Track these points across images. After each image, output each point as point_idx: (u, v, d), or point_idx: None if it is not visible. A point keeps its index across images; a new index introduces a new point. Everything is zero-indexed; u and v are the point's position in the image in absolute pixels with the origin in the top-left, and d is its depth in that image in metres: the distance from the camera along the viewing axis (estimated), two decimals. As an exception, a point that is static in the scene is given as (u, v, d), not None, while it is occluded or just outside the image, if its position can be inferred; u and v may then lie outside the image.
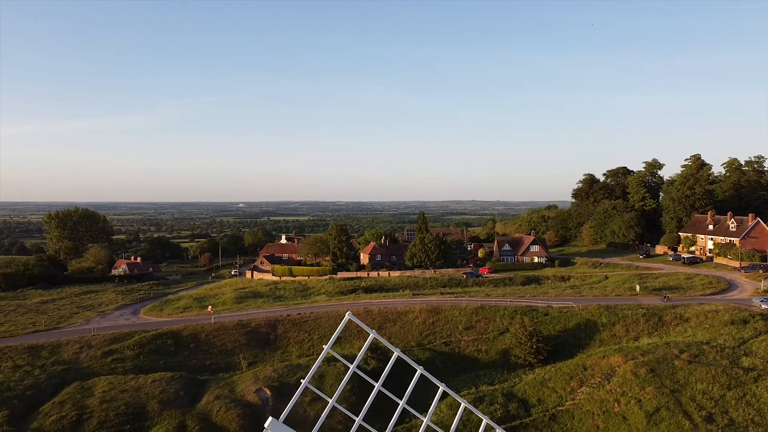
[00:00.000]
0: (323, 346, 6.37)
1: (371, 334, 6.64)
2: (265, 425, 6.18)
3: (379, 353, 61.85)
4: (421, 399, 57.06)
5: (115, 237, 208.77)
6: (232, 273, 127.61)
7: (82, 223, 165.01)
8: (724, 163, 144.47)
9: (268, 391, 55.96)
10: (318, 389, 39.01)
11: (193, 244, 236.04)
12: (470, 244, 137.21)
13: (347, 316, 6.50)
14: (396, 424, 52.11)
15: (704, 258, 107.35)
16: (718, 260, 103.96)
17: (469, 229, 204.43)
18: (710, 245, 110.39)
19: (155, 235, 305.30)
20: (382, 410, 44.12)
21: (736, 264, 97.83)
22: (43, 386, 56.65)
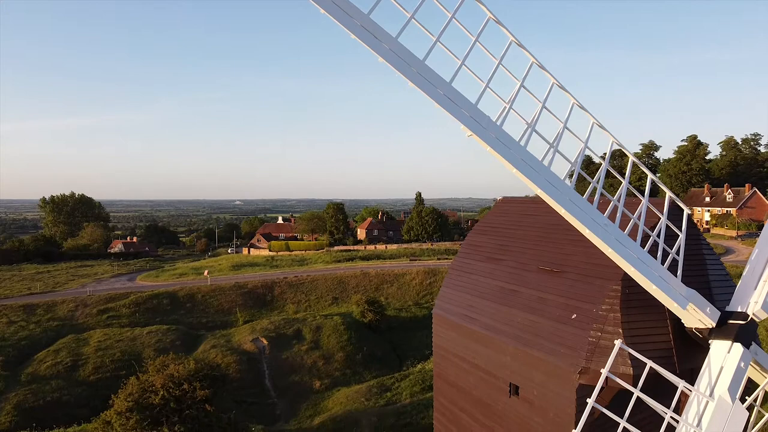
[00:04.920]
0: None
1: None
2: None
3: (376, 306, 61.59)
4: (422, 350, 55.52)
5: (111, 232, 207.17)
6: (229, 251, 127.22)
7: (79, 209, 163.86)
8: (720, 142, 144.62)
9: (264, 341, 55.66)
10: (315, 341, 38.88)
11: (189, 238, 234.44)
12: (467, 222, 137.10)
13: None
14: (392, 371, 51.11)
15: (701, 229, 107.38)
16: (715, 231, 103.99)
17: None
18: (707, 217, 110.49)
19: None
20: (378, 359, 43.93)
21: (733, 233, 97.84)
22: (38, 338, 56.21)
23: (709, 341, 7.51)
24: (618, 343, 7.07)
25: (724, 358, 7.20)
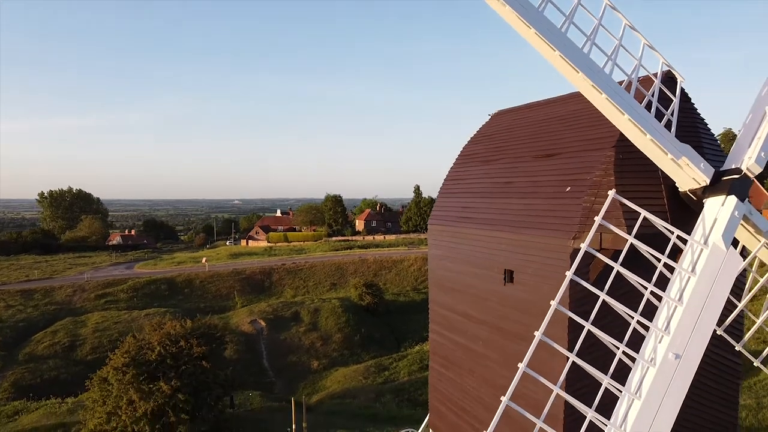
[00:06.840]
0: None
1: None
2: None
3: (374, 289, 61.57)
4: (418, 332, 55.49)
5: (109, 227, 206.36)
6: (227, 243, 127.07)
7: (77, 204, 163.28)
8: (719, 135, 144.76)
9: (262, 322, 55.67)
10: (313, 323, 39.21)
11: (187, 235, 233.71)
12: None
13: None
14: (390, 353, 51.30)
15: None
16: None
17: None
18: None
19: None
20: (376, 341, 43.98)
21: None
22: (36, 320, 56.23)
23: (704, 200, 7.48)
24: (611, 193, 7.04)
25: (717, 210, 7.16)
